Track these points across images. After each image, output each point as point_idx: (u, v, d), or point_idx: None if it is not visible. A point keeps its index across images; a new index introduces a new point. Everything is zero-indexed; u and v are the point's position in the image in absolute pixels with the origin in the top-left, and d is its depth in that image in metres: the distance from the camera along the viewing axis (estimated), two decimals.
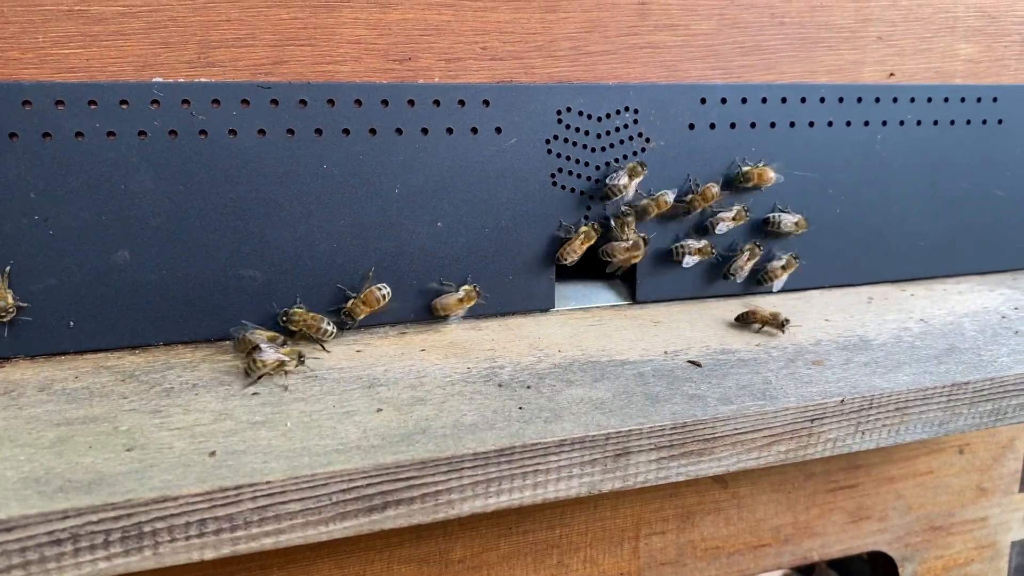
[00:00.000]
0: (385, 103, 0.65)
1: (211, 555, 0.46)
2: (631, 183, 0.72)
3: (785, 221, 0.78)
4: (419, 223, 0.68)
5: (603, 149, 0.72)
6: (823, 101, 0.78)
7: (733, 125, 0.76)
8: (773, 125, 0.77)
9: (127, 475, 0.45)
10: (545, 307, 0.74)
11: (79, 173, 0.59)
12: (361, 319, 0.66)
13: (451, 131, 0.67)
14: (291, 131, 0.63)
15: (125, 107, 0.59)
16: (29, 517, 0.41)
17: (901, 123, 0.82)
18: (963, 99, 0.84)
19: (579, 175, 0.72)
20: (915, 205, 0.85)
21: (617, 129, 0.72)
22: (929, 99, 0.82)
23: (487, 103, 0.67)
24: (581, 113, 0.71)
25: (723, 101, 0.75)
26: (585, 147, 0.71)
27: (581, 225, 0.72)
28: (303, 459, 0.47)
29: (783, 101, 0.77)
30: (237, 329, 0.62)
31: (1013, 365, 0.65)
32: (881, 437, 0.61)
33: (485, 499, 0.51)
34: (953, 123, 0.84)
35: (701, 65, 0.76)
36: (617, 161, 0.73)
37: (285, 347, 0.61)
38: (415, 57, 0.67)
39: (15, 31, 0.58)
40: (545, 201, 0.71)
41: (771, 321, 0.71)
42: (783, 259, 0.79)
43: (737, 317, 0.72)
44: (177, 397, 0.55)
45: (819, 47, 0.79)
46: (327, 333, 0.64)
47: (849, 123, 0.80)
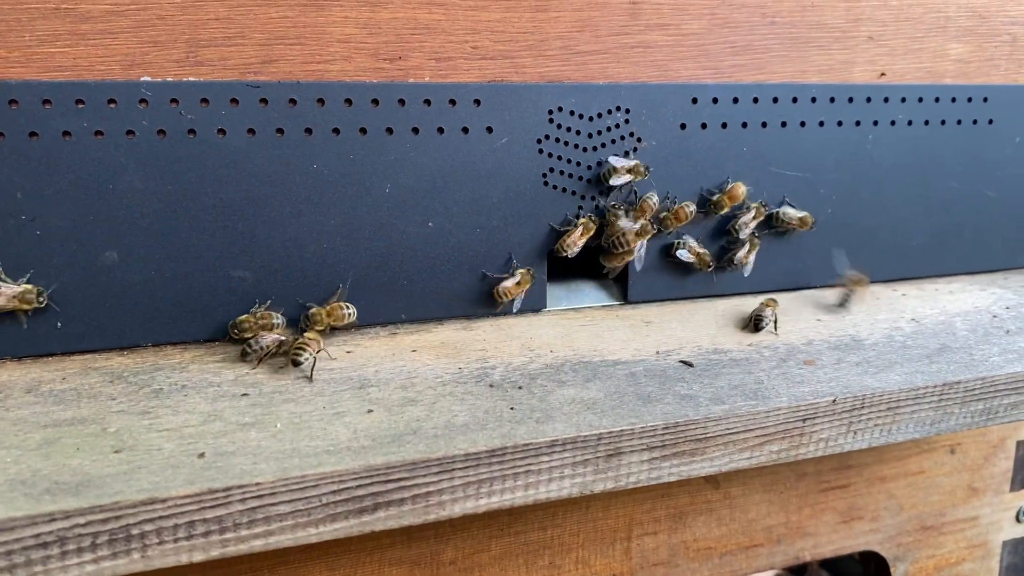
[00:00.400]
0: (375, 102, 0.65)
1: (200, 557, 0.45)
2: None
3: (790, 216, 0.79)
4: (410, 223, 0.68)
5: (594, 149, 0.72)
6: (814, 101, 0.78)
7: (724, 125, 0.76)
8: (764, 125, 0.77)
9: (115, 477, 0.45)
10: (537, 307, 0.74)
11: (66, 173, 0.59)
12: (320, 329, 0.65)
13: (442, 131, 0.67)
14: (281, 130, 0.63)
15: (113, 106, 0.59)
16: (15, 519, 0.41)
17: (892, 123, 0.82)
18: (954, 99, 0.84)
19: (571, 175, 0.72)
20: (906, 205, 0.85)
21: (608, 129, 0.72)
22: (920, 99, 0.82)
23: (478, 103, 0.67)
24: (572, 113, 0.70)
25: (714, 101, 0.75)
26: (576, 147, 0.71)
27: (580, 217, 0.72)
28: (293, 460, 0.47)
29: (774, 101, 0.77)
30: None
31: (1004, 364, 0.65)
32: (873, 437, 0.61)
33: (476, 500, 0.51)
34: (944, 123, 0.84)
35: (692, 65, 0.76)
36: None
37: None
38: (405, 56, 0.67)
39: (1, 29, 0.58)
40: (536, 201, 0.71)
41: (770, 304, 0.73)
42: (746, 243, 0.78)
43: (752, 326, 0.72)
44: (166, 398, 0.55)
45: (810, 47, 0.79)
46: (277, 326, 0.63)
47: (840, 123, 0.80)
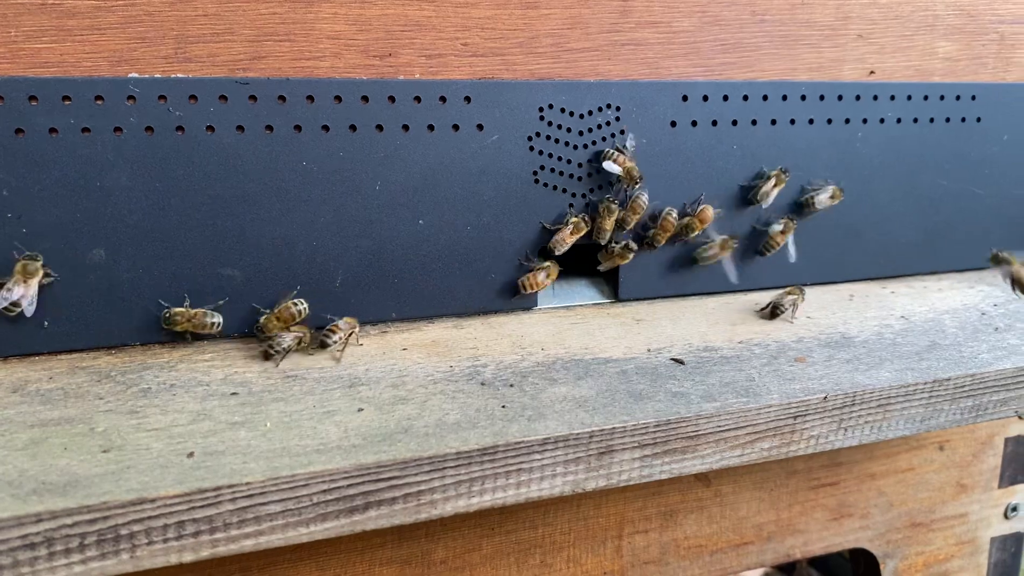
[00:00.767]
0: (365, 99, 0.64)
1: (190, 558, 0.45)
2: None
3: (823, 202, 0.80)
4: (400, 221, 0.67)
5: (585, 147, 0.72)
6: (804, 99, 0.78)
7: (715, 123, 0.76)
8: (754, 123, 0.77)
9: (103, 477, 0.44)
10: (527, 305, 0.74)
11: (53, 170, 0.58)
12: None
13: (432, 128, 0.66)
14: (270, 127, 0.62)
15: (100, 103, 0.58)
16: (2, 520, 0.40)
17: (882, 121, 0.82)
18: (942, 97, 0.84)
19: (561, 172, 0.71)
20: (895, 203, 0.85)
21: (599, 126, 0.72)
22: (909, 97, 0.83)
23: (468, 100, 0.67)
24: (563, 110, 0.70)
25: (705, 99, 0.75)
26: (567, 144, 0.71)
27: (571, 216, 0.72)
28: (283, 460, 0.47)
29: (764, 99, 0.77)
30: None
31: (993, 361, 0.65)
32: (864, 434, 0.62)
33: (468, 499, 0.51)
34: (933, 121, 0.85)
35: (683, 62, 0.76)
36: (591, 161, 0.72)
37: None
38: (395, 53, 0.67)
39: None
40: (527, 199, 0.71)
41: (794, 292, 0.74)
42: (718, 239, 0.78)
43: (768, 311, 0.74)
44: (154, 398, 0.54)
45: (800, 44, 0.79)
46: (215, 325, 0.63)
47: (830, 121, 0.80)
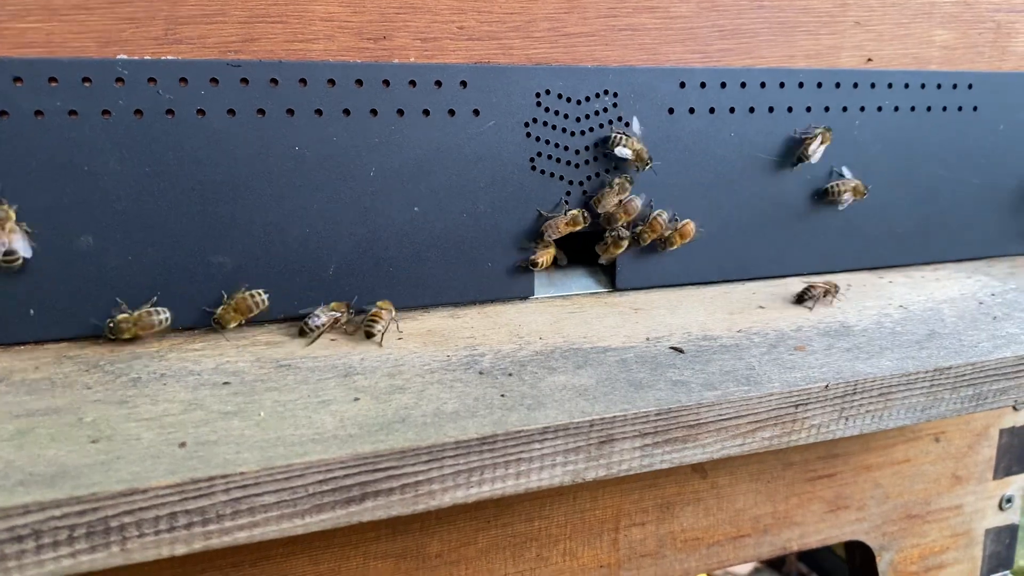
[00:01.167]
0: (359, 83, 0.63)
1: (182, 550, 0.44)
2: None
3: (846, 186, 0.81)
4: (395, 208, 0.66)
5: (582, 133, 0.71)
6: (802, 86, 0.78)
7: (712, 110, 0.75)
8: (752, 110, 0.76)
9: (92, 467, 0.43)
10: (524, 294, 0.73)
11: (39, 153, 0.56)
12: (232, 327, 0.63)
13: (427, 113, 0.65)
14: (262, 111, 0.61)
15: (88, 85, 0.57)
16: None
17: (879, 109, 0.81)
18: (939, 85, 0.84)
19: (559, 159, 0.70)
20: (892, 192, 0.85)
21: (597, 113, 0.71)
22: (906, 85, 0.82)
23: (464, 84, 0.66)
24: (560, 96, 0.69)
25: (702, 85, 0.74)
26: (564, 131, 0.70)
27: (571, 209, 0.71)
28: (278, 449, 0.46)
29: (762, 86, 0.76)
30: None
31: (993, 350, 0.65)
32: (865, 423, 0.61)
33: (467, 489, 0.50)
34: (930, 109, 0.84)
35: (680, 48, 0.75)
36: (596, 145, 0.71)
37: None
38: (390, 36, 0.65)
39: None
40: (524, 186, 0.70)
41: (830, 291, 0.75)
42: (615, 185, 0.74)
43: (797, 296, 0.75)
44: (144, 387, 0.53)
45: (798, 31, 0.79)
46: (162, 323, 0.60)
47: (828, 109, 0.79)
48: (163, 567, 0.60)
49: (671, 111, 0.73)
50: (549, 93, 0.69)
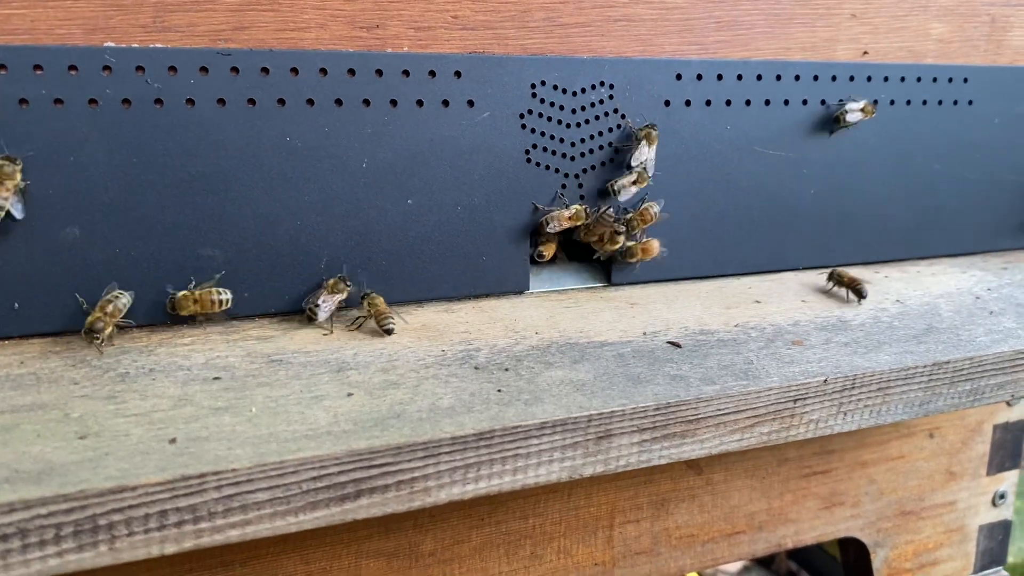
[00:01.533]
0: (352, 72, 0.62)
1: (172, 549, 0.43)
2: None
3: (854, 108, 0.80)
4: (388, 200, 0.65)
5: (578, 125, 0.70)
6: (798, 79, 0.77)
7: (709, 102, 0.74)
8: (748, 103, 0.76)
9: (80, 464, 0.42)
10: (519, 289, 0.72)
11: (23, 143, 0.55)
12: (184, 314, 0.60)
13: (421, 103, 0.64)
14: (252, 101, 0.60)
15: (74, 73, 0.55)
16: None
17: (875, 103, 0.81)
18: (935, 79, 0.83)
19: (554, 152, 0.69)
20: (888, 186, 0.84)
21: (592, 104, 0.70)
22: (902, 79, 0.82)
23: (459, 74, 0.65)
24: (556, 87, 0.68)
25: (699, 77, 0.73)
26: (560, 123, 0.69)
27: (574, 204, 0.70)
28: (270, 445, 0.44)
29: (758, 78, 0.75)
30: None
31: (991, 344, 0.65)
32: (863, 418, 0.60)
33: (463, 486, 0.49)
34: (925, 103, 0.84)
35: (676, 40, 0.74)
36: (592, 138, 0.70)
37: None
38: (383, 24, 0.64)
39: None
40: (519, 179, 0.69)
41: (851, 285, 0.74)
42: (632, 175, 0.73)
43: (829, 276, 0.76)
44: (133, 382, 0.52)
45: (794, 23, 0.78)
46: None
47: (823, 102, 0.79)
48: (149, 567, 0.59)
49: (667, 103, 0.73)
50: (544, 84, 0.68)
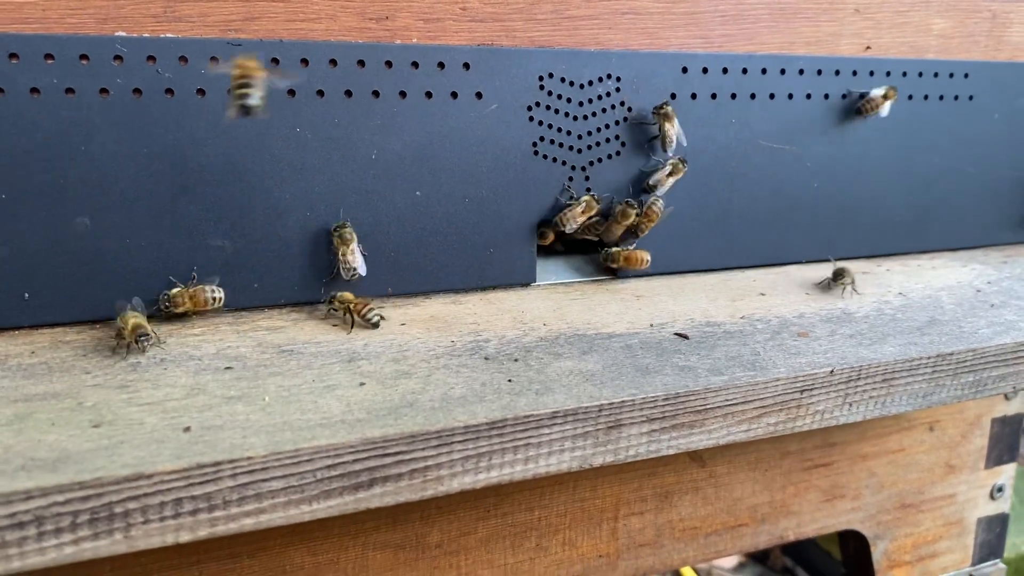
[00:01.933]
0: (361, 64, 0.62)
1: (187, 537, 0.43)
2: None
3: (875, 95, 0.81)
4: (397, 191, 0.65)
5: (585, 118, 0.70)
6: (802, 73, 0.77)
7: (714, 96, 0.74)
8: (753, 96, 0.76)
9: (95, 452, 0.42)
10: (526, 281, 0.72)
11: (34, 132, 0.55)
12: (179, 311, 0.60)
13: (430, 95, 0.64)
14: None
15: (85, 62, 0.55)
16: None
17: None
18: (936, 74, 0.84)
19: (561, 144, 0.70)
20: (890, 180, 0.85)
21: (599, 97, 0.70)
22: (904, 73, 0.82)
23: (467, 66, 0.65)
24: (563, 80, 0.68)
25: (704, 71, 0.73)
26: (567, 115, 0.69)
27: (583, 194, 0.70)
28: (285, 434, 0.45)
29: (763, 72, 0.76)
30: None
31: (993, 336, 0.65)
32: (868, 409, 0.61)
33: (475, 475, 0.49)
34: (927, 98, 0.84)
35: (683, 33, 0.74)
36: (599, 130, 0.71)
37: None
38: (392, 16, 0.64)
39: None
40: (527, 171, 0.69)
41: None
42: (668, 166, 0.74)
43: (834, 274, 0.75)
44: (144, 372, 0.52)
45: (798, 18, 0.78)
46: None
47: (827, 96, 0.79)
48: (157, 559, 0.59)
49: (673, 96, 0.73)
50: (552, 76, 0.68)
